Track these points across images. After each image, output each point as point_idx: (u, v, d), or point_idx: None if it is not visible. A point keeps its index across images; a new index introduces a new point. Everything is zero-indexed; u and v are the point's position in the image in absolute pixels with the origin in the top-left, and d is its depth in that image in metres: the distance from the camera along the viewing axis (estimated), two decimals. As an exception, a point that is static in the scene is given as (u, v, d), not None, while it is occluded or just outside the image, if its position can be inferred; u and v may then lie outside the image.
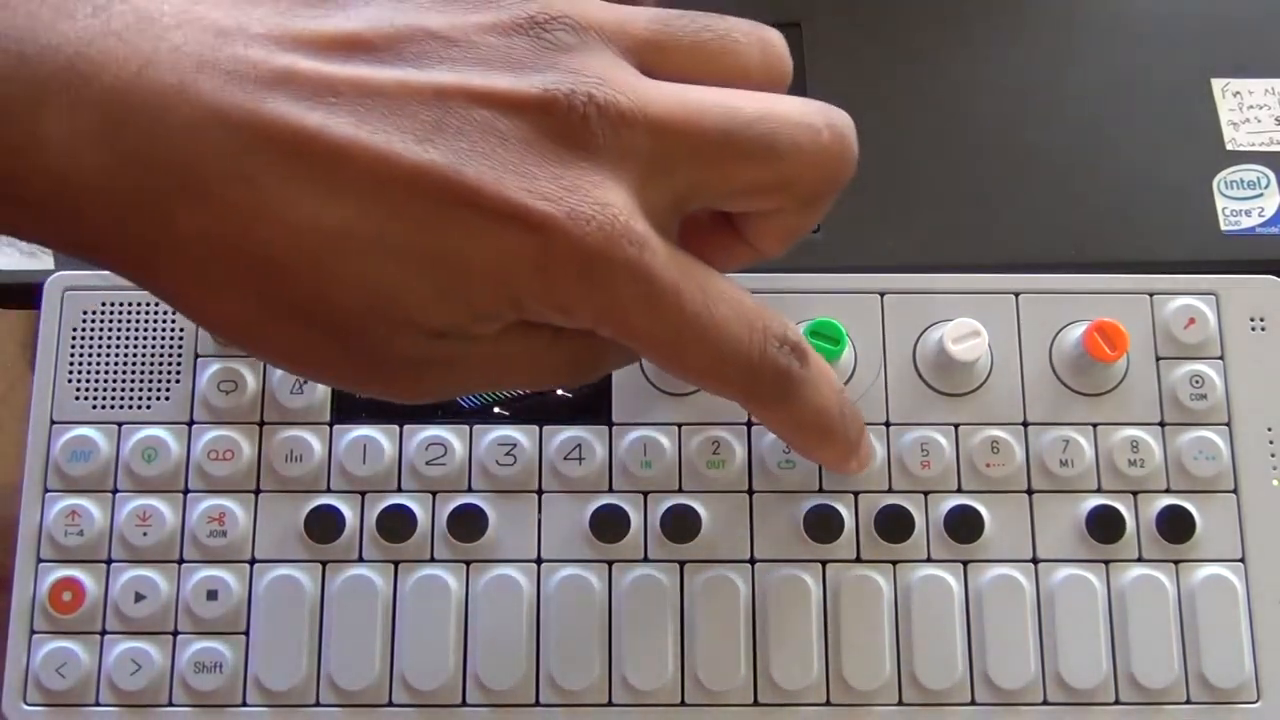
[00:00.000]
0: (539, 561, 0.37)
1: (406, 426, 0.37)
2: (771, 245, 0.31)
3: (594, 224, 0.25)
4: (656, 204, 0.27)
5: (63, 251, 0.26)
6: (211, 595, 0.36)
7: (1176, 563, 0.37)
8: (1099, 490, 0.37)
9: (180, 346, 0.38)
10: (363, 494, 0.37)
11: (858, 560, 0.37)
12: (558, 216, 0.25)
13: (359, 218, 0.24)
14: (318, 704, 0.36)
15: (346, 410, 0.37)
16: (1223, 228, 0.42)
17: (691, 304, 0.27)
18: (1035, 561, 0.37)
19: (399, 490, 0.37)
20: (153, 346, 0.38)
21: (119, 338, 0.38)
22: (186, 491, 0.37)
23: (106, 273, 0.38)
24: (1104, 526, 0.37)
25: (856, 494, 0.37)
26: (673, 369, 0.29)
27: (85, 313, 0.38)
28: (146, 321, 0.38)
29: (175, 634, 0.36)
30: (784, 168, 0.28)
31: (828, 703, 0.36)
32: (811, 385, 0.30)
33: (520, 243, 0.25)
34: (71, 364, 0.38)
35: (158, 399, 0.38)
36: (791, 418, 0.31)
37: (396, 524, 0.36)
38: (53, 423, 0.37)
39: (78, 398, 0.37)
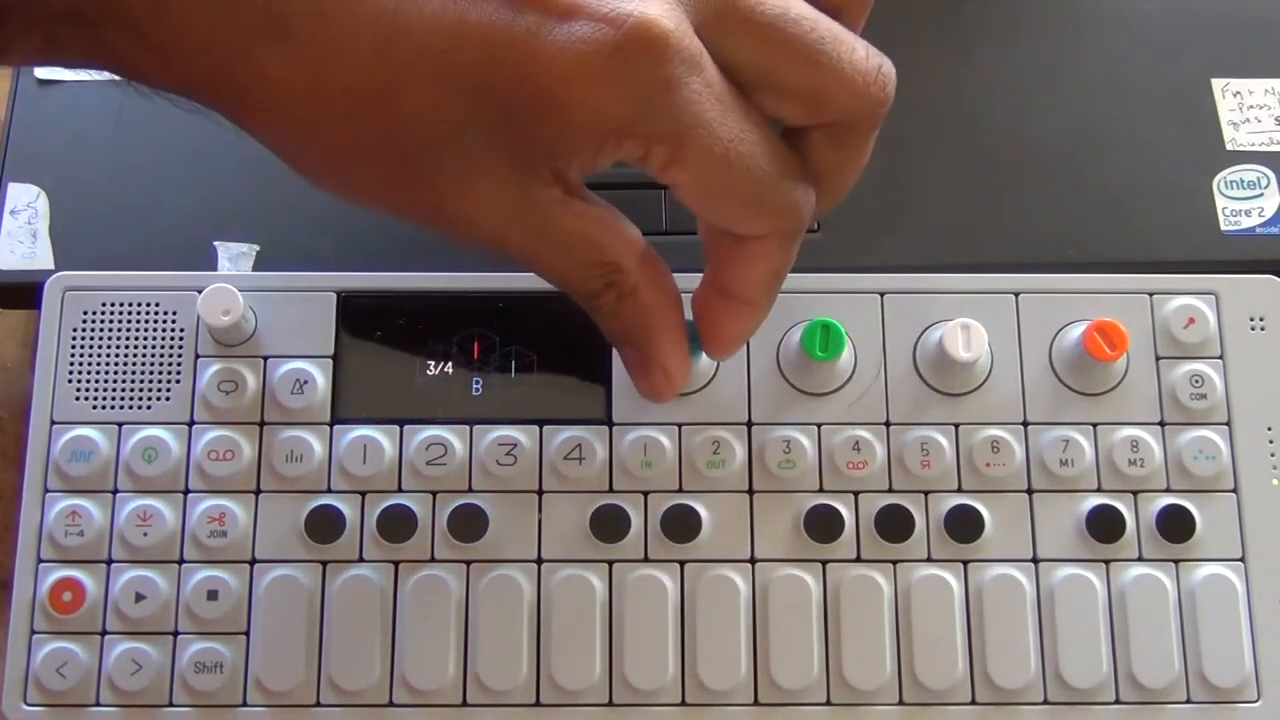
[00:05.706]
0: (539, 561, 0.37)
1: (406, 426, 0.37)
2: (823, 179, 0.30)
3: (653, 32, 0.26)
4: (708, 48, 0.27)
5: (165, 88, 0.27)
6: (212, 595, 0.36)
7: (1176, 562, 0.37)
8: (1099, 490, 0.37)
9: (180, 346, 0.38)
10: (363, 494, 0.37)
11: (858, 560, 0.37)
12: (621, 17, 0.25)
13: (421, 49, 0.25)
14: (318, 704, 0.36)
15: (346, 410, 0.38)
16: (1223, 228, 0.42)
17: (742, 129, 0.27)
18: (1035, 561, 0.37)
19: (399, 490, 0.37)
20: (153, 346, 0.38)
21: (119, 338, 0.38)
22: (187, 492, 0.37)
23: (106, 273, 0.38)
24: (1104, 526, 0.37)
25: (856, 494, 0.37)
26: (719, 192, 0.28)
27: (85, 313, 0.38)
28: (146, 321, 0.38)
29: (175, 634, 0.36)
30: (823, 76, 0.28)
31: (828, 703, 0.36)
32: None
33: (582, 49, 0.25)
34: (71, 364, 0.38)
35: (158, 399, 0.38)
36: (786, 262, 0.31)
37: (397, 524, 0.36)
38: (53, 423, 0.37)
39: (78, 398, 0.37)
